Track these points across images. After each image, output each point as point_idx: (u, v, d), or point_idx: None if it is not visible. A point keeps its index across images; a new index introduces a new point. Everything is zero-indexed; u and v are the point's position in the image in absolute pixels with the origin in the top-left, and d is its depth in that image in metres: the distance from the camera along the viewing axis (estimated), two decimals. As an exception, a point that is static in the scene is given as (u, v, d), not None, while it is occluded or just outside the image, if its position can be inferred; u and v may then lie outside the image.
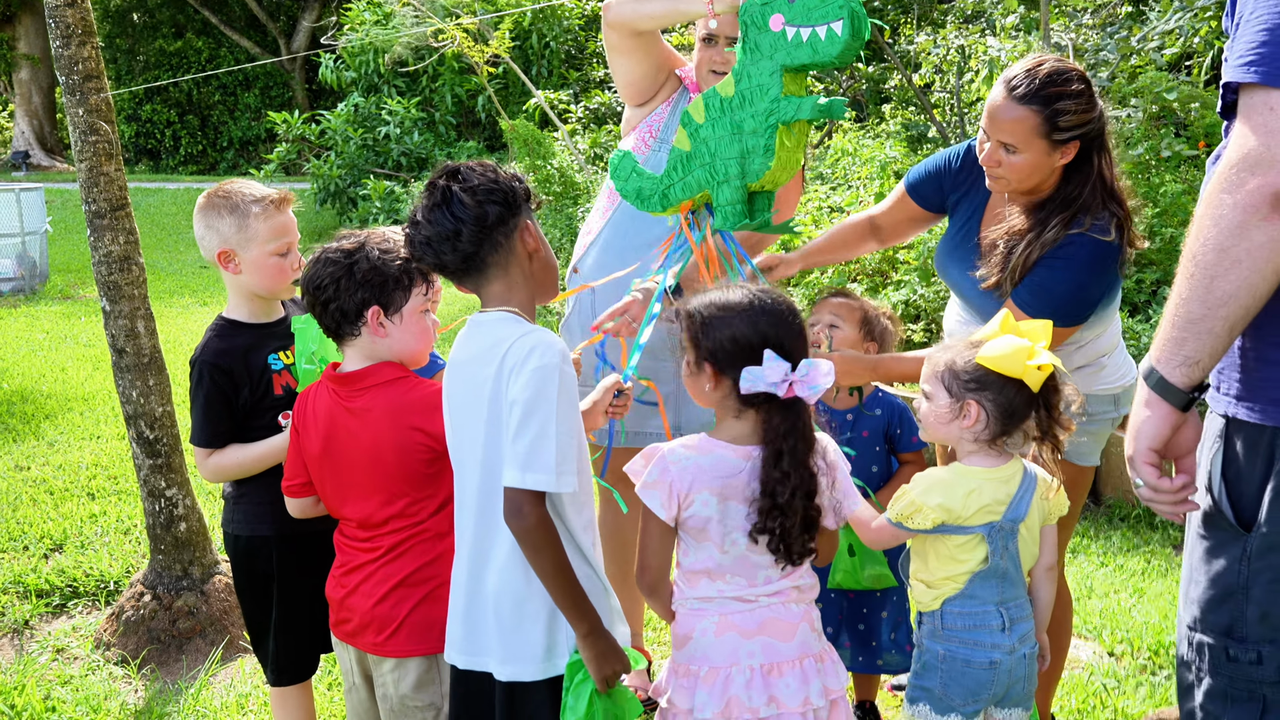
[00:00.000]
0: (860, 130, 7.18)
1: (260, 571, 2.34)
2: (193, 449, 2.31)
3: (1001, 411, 1.99)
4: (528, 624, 1.84)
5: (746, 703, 1.84)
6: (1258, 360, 1.47)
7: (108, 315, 3.21)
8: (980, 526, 1.99)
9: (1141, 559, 3.88)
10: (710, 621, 1.87)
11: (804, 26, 2.04)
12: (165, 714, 2.82)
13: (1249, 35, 1.37)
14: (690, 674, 1.87)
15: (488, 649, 1.86)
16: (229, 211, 2.27)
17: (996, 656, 2.01)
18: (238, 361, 2.27)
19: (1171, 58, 5.31)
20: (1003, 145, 2.20)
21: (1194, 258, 1.40)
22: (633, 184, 2.37)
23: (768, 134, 2.13)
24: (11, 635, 3.27)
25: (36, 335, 7.58)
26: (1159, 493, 1.52)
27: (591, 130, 9.64)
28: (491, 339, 1.83)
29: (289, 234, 2.32)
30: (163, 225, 13.91)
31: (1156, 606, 3.41)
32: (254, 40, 23.20)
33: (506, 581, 1.83)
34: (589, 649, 1.80)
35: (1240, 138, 1.37)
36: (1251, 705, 1.49)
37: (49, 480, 4.53)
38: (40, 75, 23.59)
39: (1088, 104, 2.16)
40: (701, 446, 1.86)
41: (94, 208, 3.16)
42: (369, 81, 13.08)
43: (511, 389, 1.77)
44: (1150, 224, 4.49)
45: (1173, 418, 1.48)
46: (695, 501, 1.82)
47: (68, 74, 3.13)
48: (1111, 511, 4.32)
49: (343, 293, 1.98)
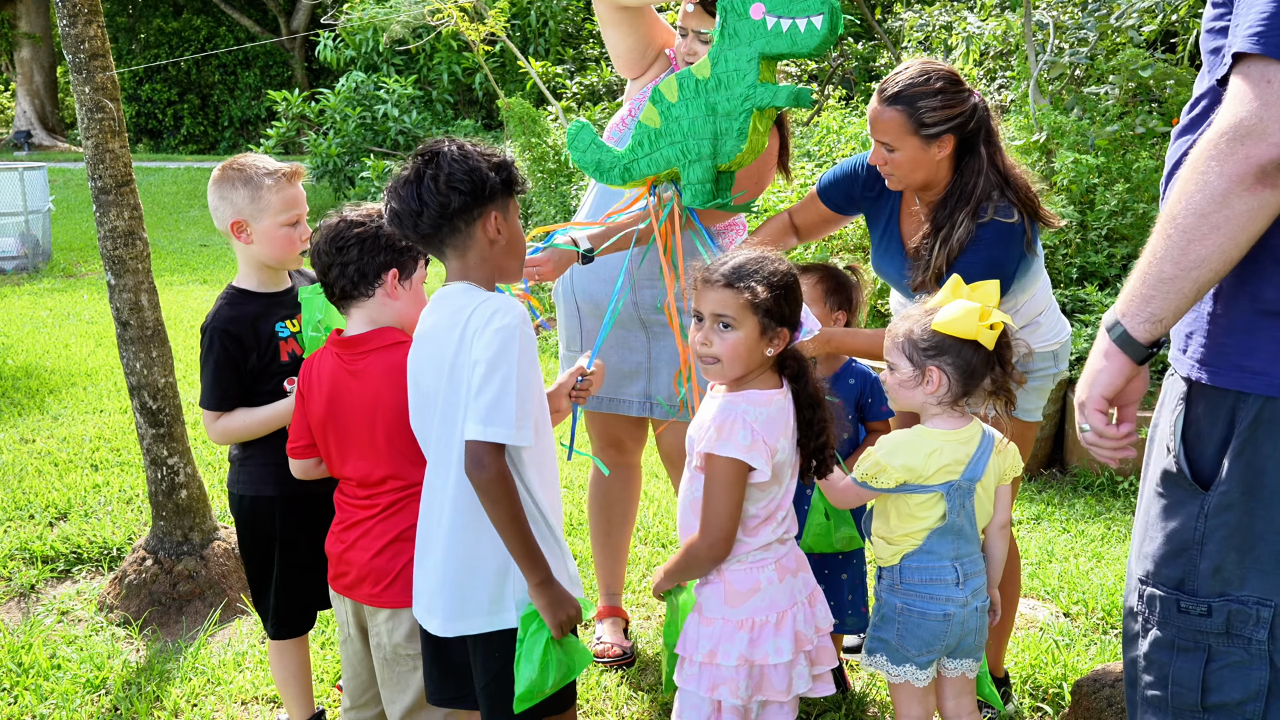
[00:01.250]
0: (847, 109, 7.25)
1: (263, 530, 2.42)
2: (201, 412, 2.38)
3: (961, 373, 2.09)
4: (476, 580, 1.92)
5: (807, 634, 2.03)
6: (1226, 328, 1.51)
7: (113, 289, 3.27)
8: (940, 485, 2.09)
9: (1102, 525, 3.98)
10: (770, 571, 2.02)
11: (784, 17, 2.12)
12: (165, 671, 2.92)
13: (1261, 5, 1.36)
14: (759, 625, 1.99)
15: (431, 607, 1.96)
16: (243, 184, 2.35)
17: (950, 609, 2.11)
18: (247, 328, 2.35)
19: (1150, 35, 5.37)
20: (883, 145, 2.36)
21: (1173, 219, 1.42)
22: (591, 155, 2.43)
23: (742, 118, 2.21)
24: (18, 599, 3.37)
25: (40, 313, 7.65)
26: (1104, 438, 1.59)
27: (586, 108, 9.69)
28: (451, 308, 1.92)
29: (299, 206, 2.39)
30: (163, 204, 13.97)
31: (1113, 570, 3.50)
32: (253, 19, 23.13)
33: (454, 542, 1.92)
34: (542, 597, 1.87)
35: (1234, 105, 1.37)
36: (1197, 654, 1.55)
37: (54, 452, 4.63)
38: (41, 54, 23.55)
39: (950, 100, 2.30)
40: (754, 399, 2.00)
41: (99, 184, 3.22)
42: (368, 60, 13.12)
43: (474, 350, 1.85)
44: (1122, 199, 4.58)
45: (1128, 369, 1.53)
46: (780, 449, 1.97)
47: (74, 52, 3.17)
48: (1076, 480, 4.43)
49: (366, 253, 2.06)
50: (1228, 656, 1.53)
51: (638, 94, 2.80)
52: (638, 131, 2.36)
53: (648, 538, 3.86)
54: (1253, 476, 1.48)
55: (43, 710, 2.72)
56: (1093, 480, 4.37)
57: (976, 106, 2.34)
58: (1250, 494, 1.48)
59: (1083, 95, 5.15)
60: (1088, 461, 4.41)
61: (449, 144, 1.91)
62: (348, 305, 2.13)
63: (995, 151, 2.36)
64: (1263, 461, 1.47)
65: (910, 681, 2.17)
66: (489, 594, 1.93)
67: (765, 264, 1.99)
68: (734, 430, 1.94)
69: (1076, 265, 4.72)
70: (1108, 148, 4.81)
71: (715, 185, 2.31)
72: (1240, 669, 1.53)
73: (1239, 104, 1.36)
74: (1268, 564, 1.50)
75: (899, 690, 2.20)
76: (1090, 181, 4.70)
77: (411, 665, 2.12)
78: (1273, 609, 1.50)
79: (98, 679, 2.88)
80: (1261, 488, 1.48)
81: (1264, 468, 1.47)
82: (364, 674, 2.25)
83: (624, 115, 2.82)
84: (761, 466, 1.93)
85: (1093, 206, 4.83)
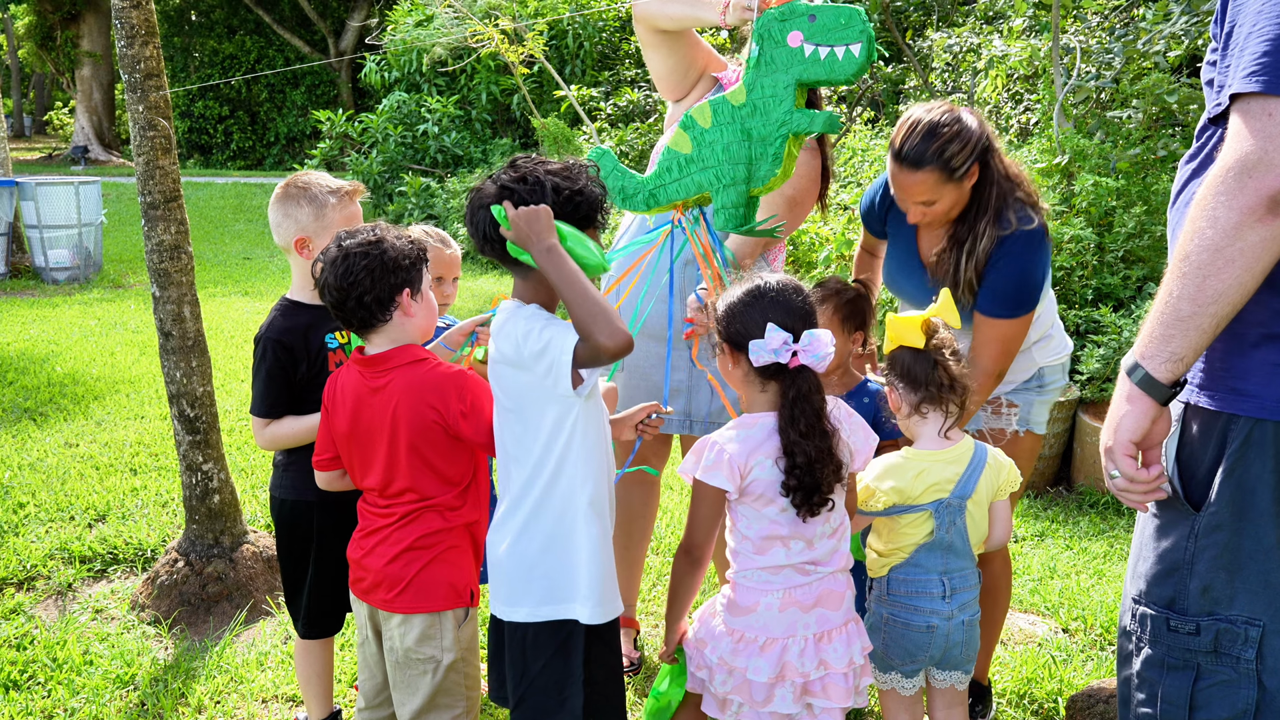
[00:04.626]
0: (873, 130, 7.29)
1: (301, 533, 2.50)
2: (250, 419, 2.45)
3: (906, 379, 2.16)
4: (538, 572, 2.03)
5: (799, 668, 2.01)
6: (1222, 353, 1.53)
7: (157, 300, 3.37)
8: (930, 504, 2.14)
9: (1106, 543, 3.98)
10: (774, 597, 2.02)
11: (822, 45, 2.13)
12: (191, 669, 3.01)
13: (1252, 47, 1.40)
14: (747, 641, 2.02)
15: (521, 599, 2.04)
16: (307, 201, 2.43)
17: (934, 621, 2.17)
18: (298, 339, 2.42)
19: (1175, 60, 5.37)
20: (920, 203, 2.38)
21: (1187, 257, 1.43)
22: (614, 182, 2.41)
23: (778, 143, 2.22)
24: (56, 597, 3.48)
25: (89, 322, 7.84)
26: (1134, 483, 1.56)
27: (619, 128, 9.82)
28: (521, 333, 1.97)
29: (358, 222, 2.45)
30: (210, 218, 14.29)
31: (1114, 588, 3.50)
32: (303, 38, 23.65)
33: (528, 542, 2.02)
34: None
35: (1237, 141, 1.39)
36: (1186, 673, 1.58)
37: (95, 456, 4.77)
38: (101, 72, 24.23)
39: (965, 136, 2.32)
40: (742, 423, 2.03)
41: (149, 199, 3.32)
42: (410, 81, 13.38)
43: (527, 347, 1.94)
44: (1140, 221, 4.58)
45: (1153, 411, 1.52)
46: (754, 468, 1.97)
47: (130, 72, 3.27)
48: (1082, 498, 4.43)
49: (377, 281, 2.08)
50: (1216, 675, 1.56)
51: (680, 116, 2.84)
52: (665, 157, 2.37)
53: (659, 548, 3.93)
54: (1242, 497, 1.51)
55: (74, 704, 2.82)
56: (1098, 498, 4.37)
57: (981, 125, 2.37)
58: (1240, 514, 1.52)
59: (1106, 119, 5.16)
60: (1094, 480, 4.41)
61: (539, 166, 1.96)
62: (369, 332, 2.17)
63: (998, 158, 2.39)
64: (1252, 482, 1.50)
65: (896, 689, 2.22)
66: (583, 581, 2.01)
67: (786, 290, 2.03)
68: (703, 452, 2.01)
69: (1092, 287, 4.73)
70: (1129, 171, 4.82)
71: (746, 209, 2.33)
72: (1228, 687, 1.55)
73: (1242, 140, 1.39)
74: (1256, 584, 1.52)
75: (886, 697, 2.25)
76: (1109, 204, 4.71)
77: (421, 669, 2.17)
78: (1261, 628, 1.53)
79: (127, 675, 2.98)
80: (1251, 508, 1.51)
81: (1253, 488, 1.50)
82: (379, 676, 2.30)
83: (667, 139, 2.86)
84: (722, 484, 1.97)
85: (1110, 229, 4.84)
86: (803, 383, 1.97)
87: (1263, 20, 1.41)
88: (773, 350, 1.95)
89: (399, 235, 2.17)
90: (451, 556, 2.14)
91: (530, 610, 2.03)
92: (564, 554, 2.02)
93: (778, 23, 2.17)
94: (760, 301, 2.00)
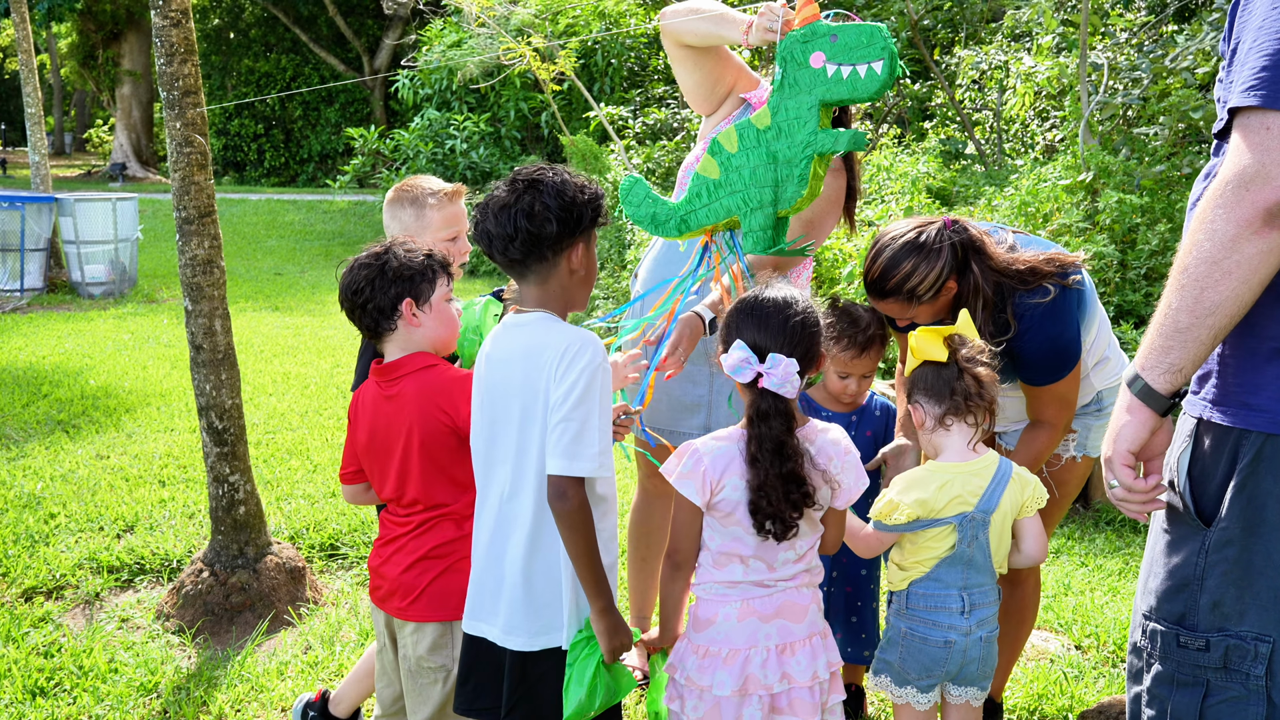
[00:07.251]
0: (899, 147, 7.28)
1: None
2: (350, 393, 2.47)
3: (929, 394, 2.15)
4: (535, 599, 1.98)
5: (762, 680, 1.99)
6: (1235, 368, 1.54)
7: (189, 314, 3.41)
8: (953, 517, 2.13)
9: (1121, 560, 3.95)
10: (733, 608, 2.00)
11: (845, 65, 2.13)
12: (213, 678, 3.04)
13: (1252, 62, 1.42)
14: (711, 655, 2.00)
15: (493, 619, 2.01)
16: (410, 203, 2.53)
17: (952, 637, 2.16)
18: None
19: (1203, 77, 5.33)
20: (900, 317, 2.39)
21: (1185, 270, 1.45)
22: (646, 209, 2.43)
23: (803, 164, 2.22)
24: (84, 605, 3.54)
25: (122, 336, 7.98)
26: (1133, 492, 1.59)
27: (647, 145, 9.88)
28: (531, 340, 1.96)
29: (459, 223, 2.56)
30: (243, 234, 14.52)
31: (1128, 605, 3.47)
32: (338, 56, 24.00)
33: (519, 560, 1.98)
34: (602, 622, 1.93)
35: (1236, 155, 1.41)
36: (1195, 689, 1.56)
37: (125, 468, 4.84)
38: (140, 90, 24.73)
39: (928, 263, 2.26)
40: (731, 436, 2.00)
41: (184, 214, 3.36)
42: (442, 98, 13.56)
43: (559, 386, 1.90)
44: (1164, 239, 4.54)
45: (1152, 422, 1.54)
46: (725, 486, 1.95)
47: (169, 89, 3.32)
48: (1099, 515, 4.40)
49: (378, 291, 2.16)
50: (1225, 691, 1.54)
51: (711, 132, 2.84)
52: (695, 183, 2.37)
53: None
54: (1253, 512, 1.50)
55: (98, 711, 2.86)
56: (1115, 516, 4.34)
57: (952, 244, 2.28)
58: (1250, 530, 1.50)
59: (1131, 135, 5.12)
60: (1111, 497, 4.37)
61: (550, 173, 1.95)
62: (380, 341, 2.25)
63: (987, 259, 2.31)
64: (1263, 498, 1.49)
65: (912, 704, 2.21)
66: (566, 610, 1.98)
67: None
68: (684, 456, 2.00)
69: (1114, 304, 4.70)
70: (1153, 188, 4.79)
71: (774, 231, 2.34)
72: (1237, 704, 1.54)
73: (1240, 154, 1.41)
74: (1266, 600, 1.51)
75: (902, 711, 2.25)
76: (1133, 221, 4.68)
77: (432, 678, 2.20)
78: (1271, 645, 1.51)
79: (150, 683, 3.02)
80: (1261, 523, 1.50)
81: (1264, 504, 1.49)
82: (396, 684, 2.33)
83: (697, 154, 2.86)
84: (692, 495, 1.96)
85: (1134, 245, 4.81)
86: (764, 404, 1.92)
87: (1263, 36, 1.42)
88: (732, 368, 1.94)
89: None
90: (465, 566, 2.14)
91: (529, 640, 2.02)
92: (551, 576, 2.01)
93: (800, 45, 2.18)
94: (740, 314, 1.98)
